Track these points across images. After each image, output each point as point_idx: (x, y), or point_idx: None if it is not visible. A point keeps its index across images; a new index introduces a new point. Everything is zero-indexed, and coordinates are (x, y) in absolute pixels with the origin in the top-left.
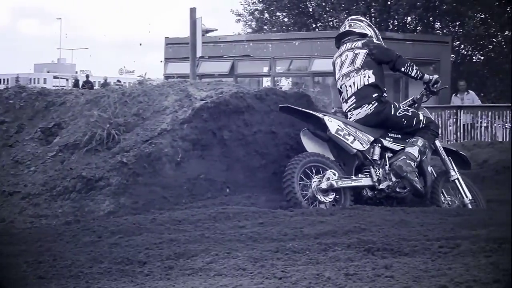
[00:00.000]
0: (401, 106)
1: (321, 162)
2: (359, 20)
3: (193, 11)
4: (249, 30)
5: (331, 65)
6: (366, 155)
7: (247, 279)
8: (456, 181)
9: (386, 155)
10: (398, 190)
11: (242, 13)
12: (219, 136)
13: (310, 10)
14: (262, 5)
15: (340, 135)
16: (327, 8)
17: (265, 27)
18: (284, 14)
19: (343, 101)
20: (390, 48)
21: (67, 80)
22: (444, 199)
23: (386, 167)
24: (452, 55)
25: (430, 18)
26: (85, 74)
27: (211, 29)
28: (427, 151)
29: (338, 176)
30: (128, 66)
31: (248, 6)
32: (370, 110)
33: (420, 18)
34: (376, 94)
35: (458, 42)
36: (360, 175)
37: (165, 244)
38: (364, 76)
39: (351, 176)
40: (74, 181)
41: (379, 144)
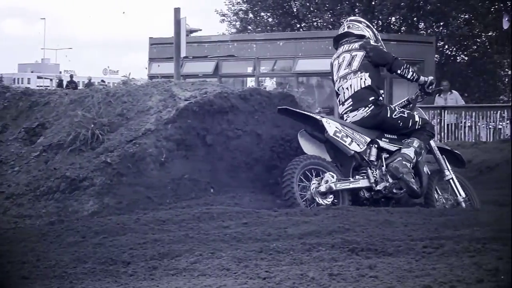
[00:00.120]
0: (397, 108)
1: (320, 164)
2: (358, 21)
3: (177, 11)
4: (233, 30)
5: (315, 65)
6: (363, 156)
7: (231, 279)
8: (450, 180)
9: (382, 156)
10: (394, 191)
11: (226, 13)
12: (203, 136)
13: (295, 10)
14: (247, 5)
15: (338, 137)
16: (311, 9)
17: (250, 27)
18: (268, 14)
19: (340, 103)
20: (387, 51)
21: (51, 80)
22: (438, 198)
23: (383, 168)
24: (436, 55)
25: (414, 19)
26: (69, 74)
27: (195, 29)
28: (423, 152)
29: (336, 179)
30: (112, 66)
31: (233, 6)
32: (367, 113)
33: (404, 18)
34: (373, 98)
35: (442, 43)
36: (357, 177)
37: (149, 244)
38: (361, 79)
39: (349, 178)
40: (58, 181)
41: (376, 145)
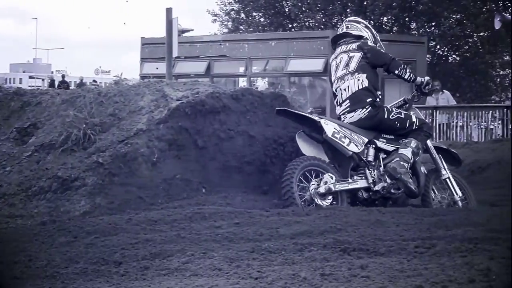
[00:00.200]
0: (394, 110)
1: (319, 166)
2: (356, 22)
3: (169, 11)
4: (225, 30)
5: (307, 65)
6: (361, 156)
7: (223, 279)
8: (447, 179)
9: (380, 156)
10: (392, 191)
11: (218, 13)
12: (195, 136)
13: (286, 10)
14: (238, 5)
15: (337, 137)
16: (303, 9)
17: (241, 27)
18: (260, 14)
19: (338, 104)
20: (384, 51)
21: (43, 80)
22: (434, 197)
23: (381, 169)
24: (428, 56)
25: (406, 19)
26: (61, 74)
27: (187, 29)
28: (420, 152)
29: (335, 180)
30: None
31: (224, 6)
32: (364, 114)
33: (396, 18)
34: (370, 99)
35: (434, 43)
36: (355, 177)
37: (140, 244)
38: (358, 80)
39: (347, 178)
40: (49, 181)
41: (373, 145)
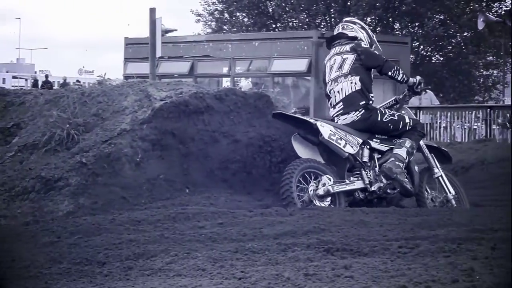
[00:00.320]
0: (387, 111)
1: (317, 168)
2: (353, 22)
3: (152, 11)
4: (208, 30)
5: (291, 66)
6: (356, 157)
7: (206, 279)
8: (439, 178)
9: (375, 157)
10: (388, 191)
11: (202, 13)
12: (178, 136)
13: (270, 10)
14: (222, 5)
15: (333, 139)
16: (287, 9)
17: (225, 28)
18: (244, 14)
19: (331, 106)
20: (379, 53)
21: (26, 80)
22: (427, 195)
23: (376, 169)
24: (411, 56)
25: (390, 19)
26: (44, 74)
27: (170, 29)
28: (414, 151)
29: (333, 181)
30: (87, 66)
31: (208, 6)
32: (357, 117)
33: (380, 18)
34: (363, 102)
35: (418, 43)
36: (352, 178)
37: (124, 245)
38: (351, 82)
39: (345, 180)
40: (33, 182)
41: (367, 146)
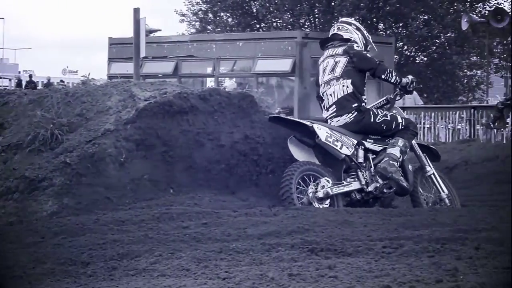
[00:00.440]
0: (379, 112)
1: (316, 170)
2: (348, 23)
3: (136, 11)
4: (193, 30)
5: (275, 66)
6: (352, 158)
7: (190, 279)
8: (432, 176)
9: (369, 157)
10: (385, 190)
11: (185, 14)
12: (162, 136)
13: (254, 10)
14: (206, 5)
15: (330, 141)
16: (271, 9)
17: (209, 28)
18: (228, 14)
19: (324, 108)
20: (370, 56)
21: (10, 80)
22: (420, 195)
23: (372, 169)
24: (395, 56)
25: (374, 19)
26: (28, 74)
27: (154, 29)
28: (407, 150)
29: (331, 183)
30: (71, 66)
31: (192, 6)
32: (350, 119)
33: (364, 19)
34: (356, 104)
35: (402, 43)
36: (348, 179)
37: (108, 245)
38: (343, 86)
39: (342, 181)
40: (17, 182)
41: (362, 147)
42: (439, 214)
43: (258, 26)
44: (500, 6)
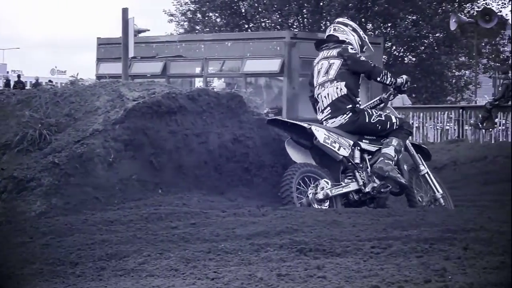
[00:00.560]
0: (374, 112)
1: (315, 172)
2: (344, 24)
3: (125, 11)
4: (181, 30)
5: (263, 66)
6: (349, 159)
7: (179, 279)
8: (426, 176)
9: (366, 158)
10: (382, 190)
11: (174, 14)
12: (151, 136)
13: (243, 10)
14: (195, 5)
15: (328, 143)
16: (259, 9)
17: (198, 28)
18: (216, 14)
19: (319, 110)
20: (365, 59)
21: None
22: (416, 195)
23: (368, 170)
24: (384, 56)
25: (362, 19)
26: (17, 74)
27: (143, 30)
28: (402, 149)
29: (331, 185)
30: (59, 66)
31: (181, 6)
32: (345, 120)
33: (352, 19)
34: (350, 105)
35: (390, 43)
36: (346, 180)
37: (97, 245)
38: (337, 88)
39: (341, 182)
40: (5, 182)
41: (358, 147)
42: (427, 214)
43: (246, 26)
44: (488, 6)
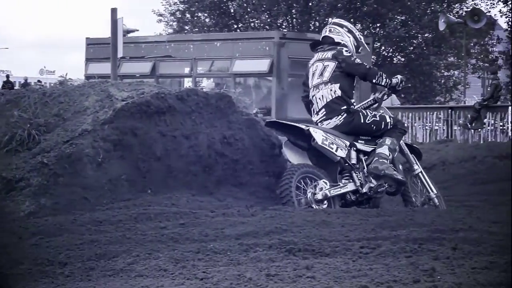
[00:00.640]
0: (368, 113)
1: (313, 173)
2: (340, 25)
3: (114, 11)
4: (170, 30)
5: (252, 66)
6: (346, 160)
7: (168, 280)
8: (420, 175)
9: (362, 158)
10: (379, 190)
11: (163, 14)
12: (140, 136)
13: (232, 11)
14: (184, 5)
15: (326, 144)
16: (248, 9)
17: (187, 28)
18: (205, 14)
19: (314, 112)
20: (360, 62)
21: None
22: (411, 194)
23: (365, 170)
24: (373, 57)
25: (351, 20)
26: (5, 74)
27: (132, 30)
28: (397, 148)
29: (329, 185)
30: (48, 66)
31: (170, 6)
32: (340, 121)
33: (341, 19)
34: (345, 107)
35: (379, 44)
36: (344, 181)
37: (86, 245)
38: (331, 90)
39: (338, 183)
40: None
41: (354, 148)
42: (416, 215)
43: (235, 26)
44: (477, 7)
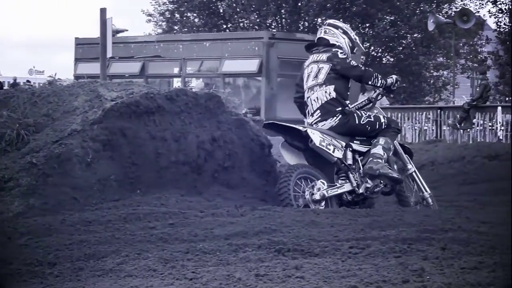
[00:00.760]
0: (363, 114)
1: (311, 173)
2: (335, 27)
3: (103, 11)
4: (159, 30)
5: (242, 66)
6: (343, 161)
7: (157, 280)
8: (414, 174)
9: (358, 158)
10: (375, 190)
11: (152, 14)
12: (129, 136)
13: (221, 11)
14: (173, 5)
15: (323, 145)
16: (237, 9)
17: (176, 28)
18: (194, 14)
19: (309, 113)
20: (355, 64)
21: None
22: (406, 194)
23: (361, 171)
24: (362, 57)
25: (341, 20)
26: None
27: (121, 30)
28: (391, 147)
29: (327, 186)
30: (38, 66)
31: (159, 6)
32: (335, 122)
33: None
34: (340, 108)
35: (368, 44)
36: (340, 181)
37: (75, 245)
38: (326, 92)
39: (335, 183)
40: None
41: (350, 148)
42: (405, 215)
43: (225, 26)
44: (466, 7)
